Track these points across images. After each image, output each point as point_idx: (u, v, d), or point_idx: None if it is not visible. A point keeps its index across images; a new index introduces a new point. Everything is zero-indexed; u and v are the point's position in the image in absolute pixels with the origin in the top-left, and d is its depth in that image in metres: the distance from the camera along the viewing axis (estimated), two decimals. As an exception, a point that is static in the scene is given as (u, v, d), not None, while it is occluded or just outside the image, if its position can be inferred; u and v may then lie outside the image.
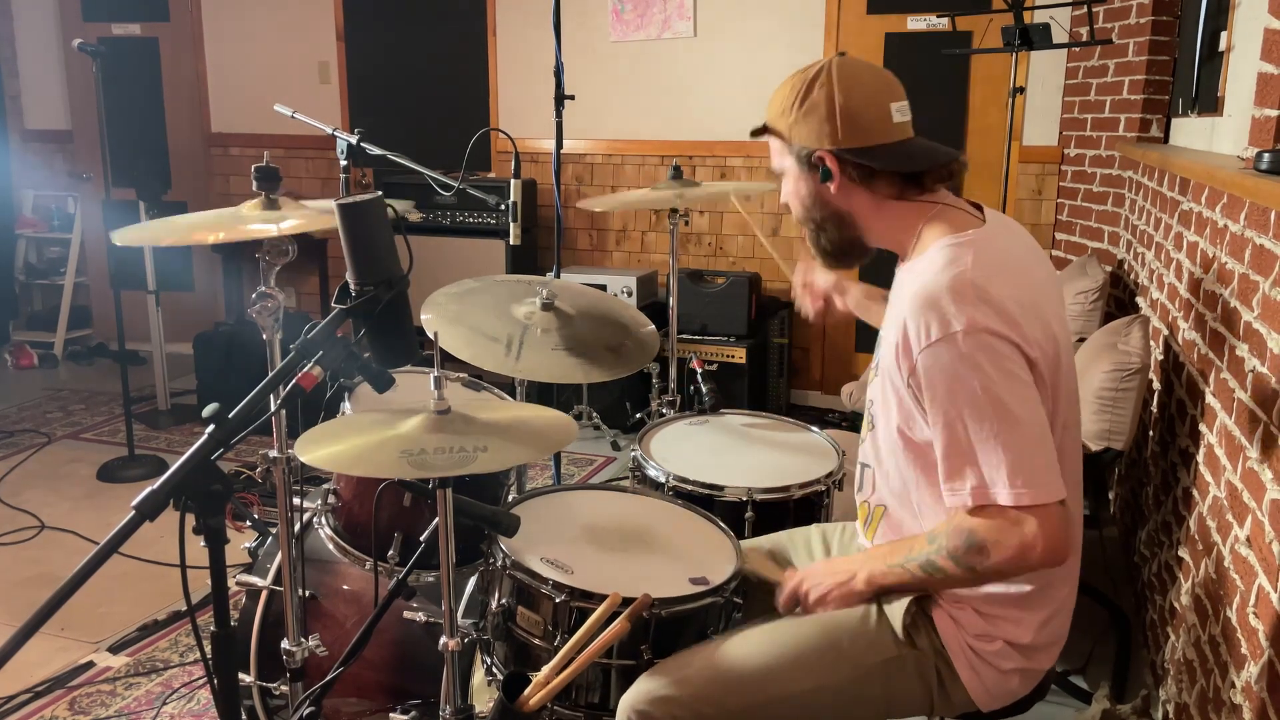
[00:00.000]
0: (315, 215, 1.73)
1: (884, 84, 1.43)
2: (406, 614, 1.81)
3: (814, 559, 1.69)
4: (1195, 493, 2.08)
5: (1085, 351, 2.60)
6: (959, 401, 1.27)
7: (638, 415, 4.02)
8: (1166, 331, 2.62)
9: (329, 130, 2.30)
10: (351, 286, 1.34)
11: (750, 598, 1.62)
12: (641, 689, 1.40)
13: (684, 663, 1.43)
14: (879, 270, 1.69)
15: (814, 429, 2.23)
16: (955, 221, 1.41)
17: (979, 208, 1.45)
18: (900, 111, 1.43)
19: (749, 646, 1.44)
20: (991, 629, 1.40)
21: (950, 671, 1.42)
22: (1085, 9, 3.61)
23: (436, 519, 1.47)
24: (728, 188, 2.84)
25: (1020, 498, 1.25)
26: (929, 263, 1.36)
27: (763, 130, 1.50)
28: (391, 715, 1.78)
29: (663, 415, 2.77)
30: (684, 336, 4.32)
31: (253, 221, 1.70)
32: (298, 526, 1.84)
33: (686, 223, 4.77)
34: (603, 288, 3.74)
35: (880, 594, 1.44)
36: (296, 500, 1.82)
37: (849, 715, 1.45)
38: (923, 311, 1.30)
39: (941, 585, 1.39)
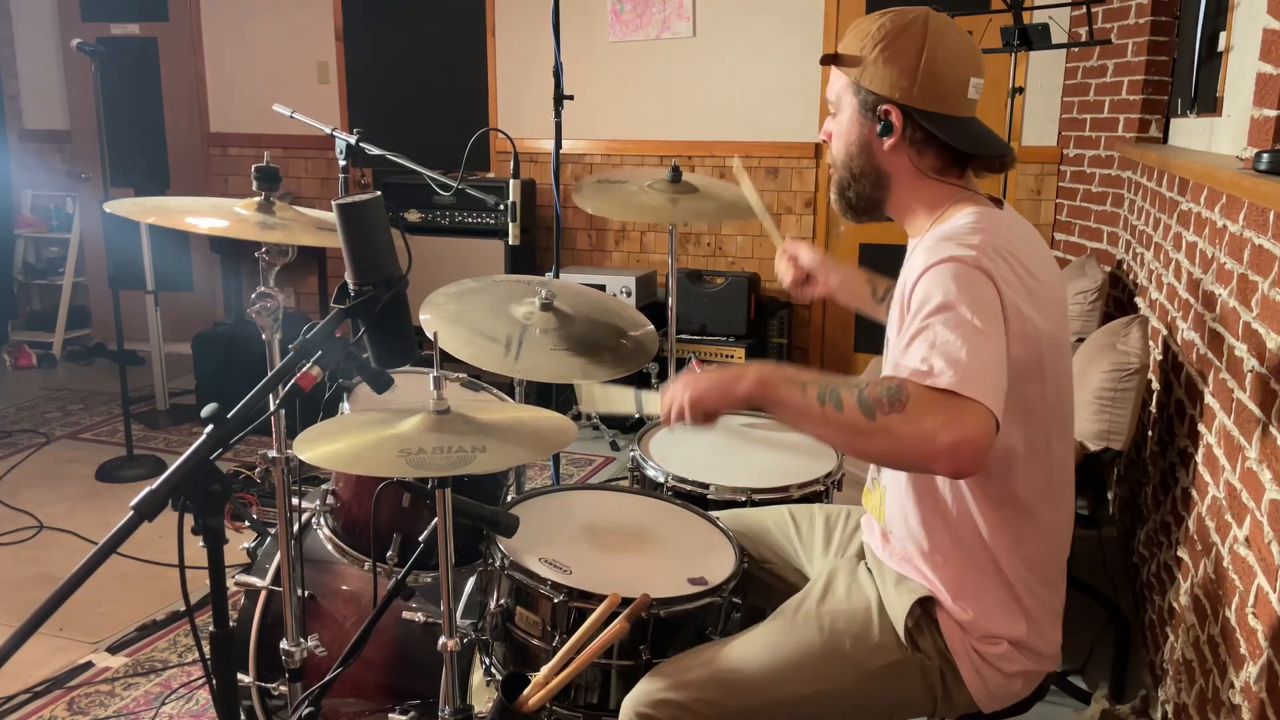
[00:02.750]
0: (308, 227, 1.73)
1: (971, 54, 1.38)
2: (405, 614, 1.81)
3: (816, 547, 1.68)
4: (1194, 493, 2.08)
5: (1084, 351, 2.60)
6: (939, 306, 1.21)
7: (637, 415, 4.02)
8: (1165, 331, 2.62)
9: (328, 130, 2.29)
10: (350, 286, 1.34)
11: (750, 598, 1.62)
12: (643, 691, 1.40)
13: (686, 665, 1.43)
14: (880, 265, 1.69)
15: (813, 429, 2.22)
16: (980, 205, 1.40)
17: (998, 203, 1.44)
18: (975, 88, 1.38)
19: (751, 649, 1.44)
20: (996, 631, 1.40)
21: (954, 674, 1.41)
22: (1084, 9, 3.61)
23: (435, 519, 1.47)
24: (721, 191, 2.84)
25: (967, 389, 1.14)
26: (951, 221, 1.35)
27: (834, 59, 1.41)
28: (390, 715, 1.78)
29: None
30: (683, 337, 4.32)
31: (247, 220, 1.70)
32: (296, 527, 1.84)
33: (686, 223, 4.77)
34: (602, 288, 3.74)
35: (763, 404, 1.29)
36: (295, 500, 1.82)
37: (851, 717, 1.45)
38: (936, 248, 1.27)
39: (826, 426, 1.24)
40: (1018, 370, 1.26)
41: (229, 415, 1.18)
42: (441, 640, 1.51)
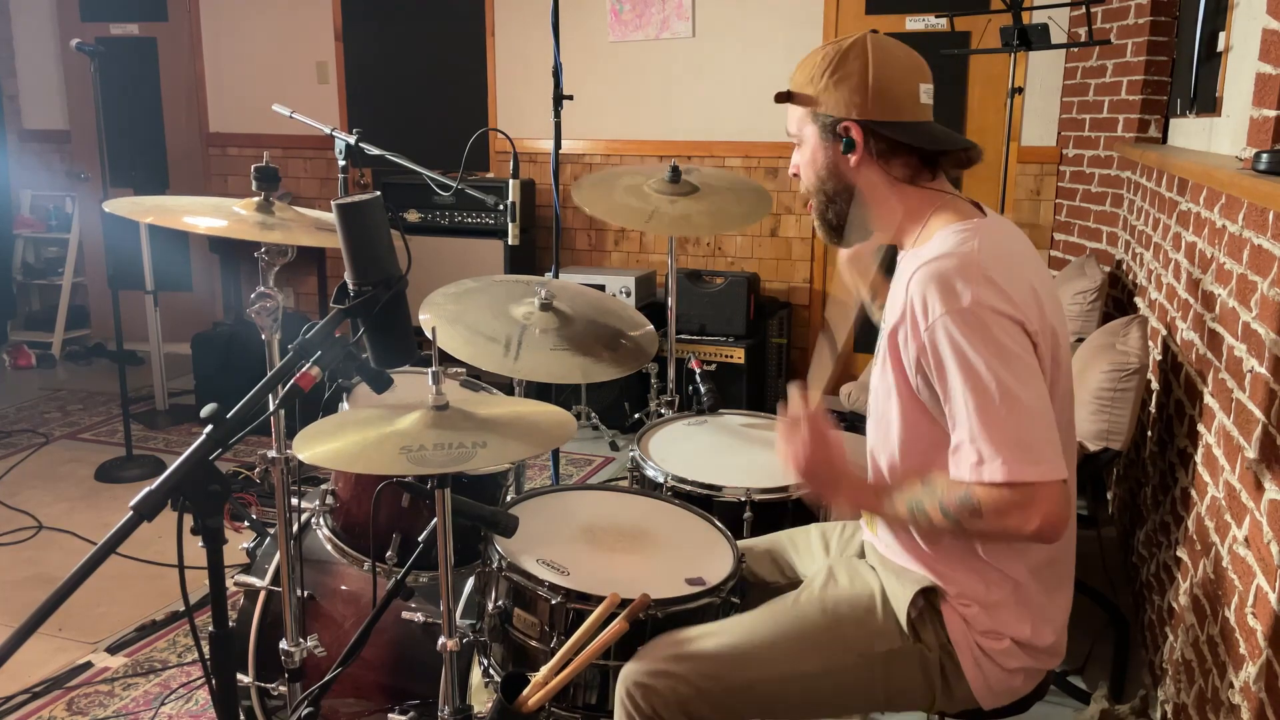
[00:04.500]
0: (308, 227, 1.73)
1: (915, 64, 1.44)
2: (405, 614, 1.81)
3: (814, 559, 1.69)
4: (1193, 493, 2.08)
5: (1084, 352, 2.60)
6: (965, 376, 1.27)
7: (636, 415, 4.02)
8: (1165, 332, 2.62)
9: (327, 130, 2.29)
10: (350, 287, 1.34)
11: (747, 599, 1.62)
12: (641, 663, 1.40)
13: (686, 639, 1.44)
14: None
15: (812, 429, 2.22)
16: (961, 212, 1.42)
17: (979, 207, 1.46)
18: (927, 94, 1.43)
19: (752, 626, 1.45)
20: (1000, 627, 1.40)
21: (955, 668, 1.42)
22: (1084, 9, 3.61)
23: (434, 519, 1.47)
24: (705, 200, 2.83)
25: (1021, 474, 1.24)
26: (936, 243, 1.37)
27: (787, 96, 1.48)
28: (390, 716, 1.78)
29: (661, 415, 2.77)
30: (682, 337, 4.32)
31: (247, 220, 1.70)
32: (296, 527, 1.84)
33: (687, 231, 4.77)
34: (601, 288, 3.74)
35: (858, 511, 1.46)
36: (295, 500, 1.82)
37: (847, 701, 1.45)
38: (929, 286, 1.30)
39: (920, 528, 1.39)
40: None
41: (228, 415, 1.18)
42: (441, 640, 1.51)
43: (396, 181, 4.73)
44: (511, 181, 2.39)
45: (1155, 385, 2.70)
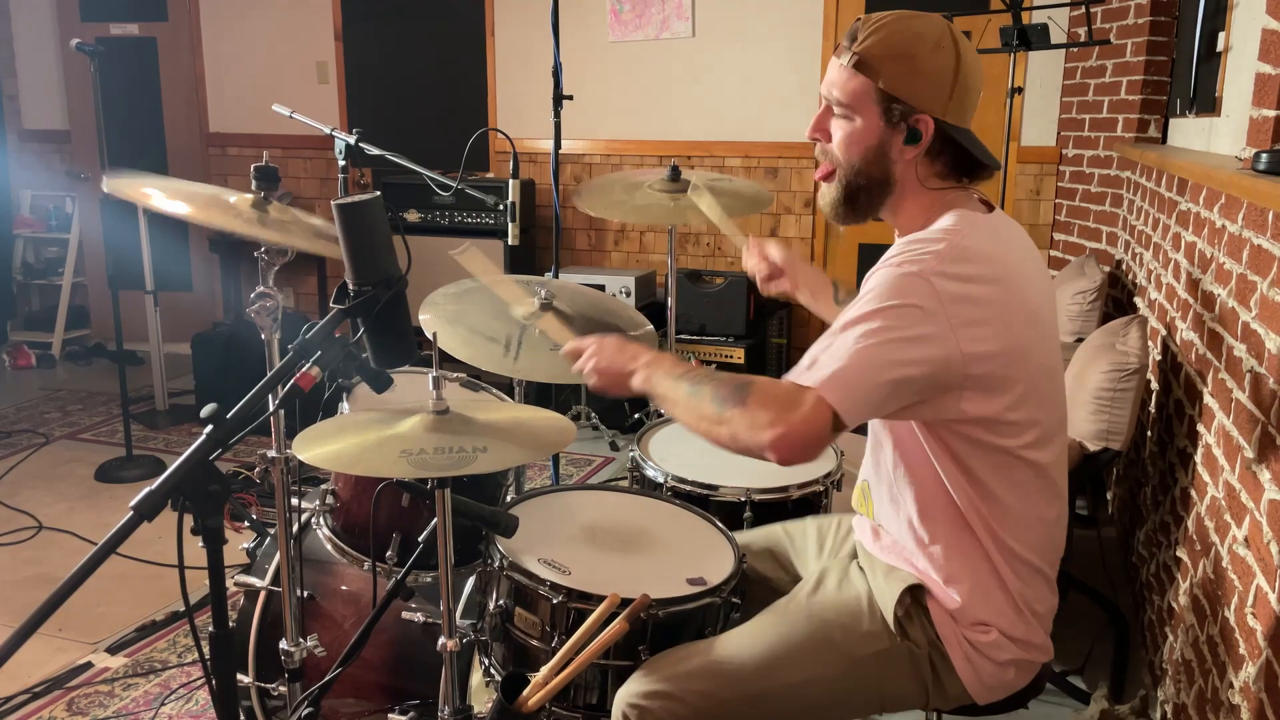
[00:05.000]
0: (304, 232, 1.73)
1: (982, 69, 1.41)
2: (405, 614, 1.81)
3: (809, 554, 1.69)
4: (1193, 493, 2.08)
5: (1083, 352, 2.60)
6: (860, 308, 1.28)
7: (636, 415, 4.02)
8: (1164, 332, 2.62)
9: (327, 130, 2.29)
10: (350, 287, 1.34)
11: (748, 598, 1.62)
12: (636, 684, 1.40)
13: (678, 658, 1.44)
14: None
15: (812, 429, 2.22)
16: (969, 207, 1.41)
17: (989, 205, 1.45)
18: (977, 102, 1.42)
19: (742, 640, 1.45)
20: (987, 618, 1.40)
21: (945, 663, 1.42)
22: (1083, 9, 3.61)
23: (435, 519, 1.47)
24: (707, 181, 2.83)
25: (818, 384, 1.24)
26: (928, 229, 1.38)
27: (861, 66, 1.36)
28: (390, 716, 1.78)
29: (661, 415, 2.77)
30: (683, 337, 4.32)
31: (240, 214, 1.70)
32: (296, 527, 1.84)
33: (686, 224, 4.77)
34: (601, 288, 3.74)
35: (646, 393, 1.42)
36: (295, 501, 1.82)
37: (843, 707, 1.45)
38: (896, 252, 1.33)
39: (687, 415, 1.34)
40: (987, 380, 1.30)
41: (228, 415, 1.18)
42: (441, 640, 1.51)
43: (396, 181, 4.73)
44: (511, 181, 2.39)
45: (1155, 385, 2.70)
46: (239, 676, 1.91)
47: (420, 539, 1.64)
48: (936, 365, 1.26)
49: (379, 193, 1.35)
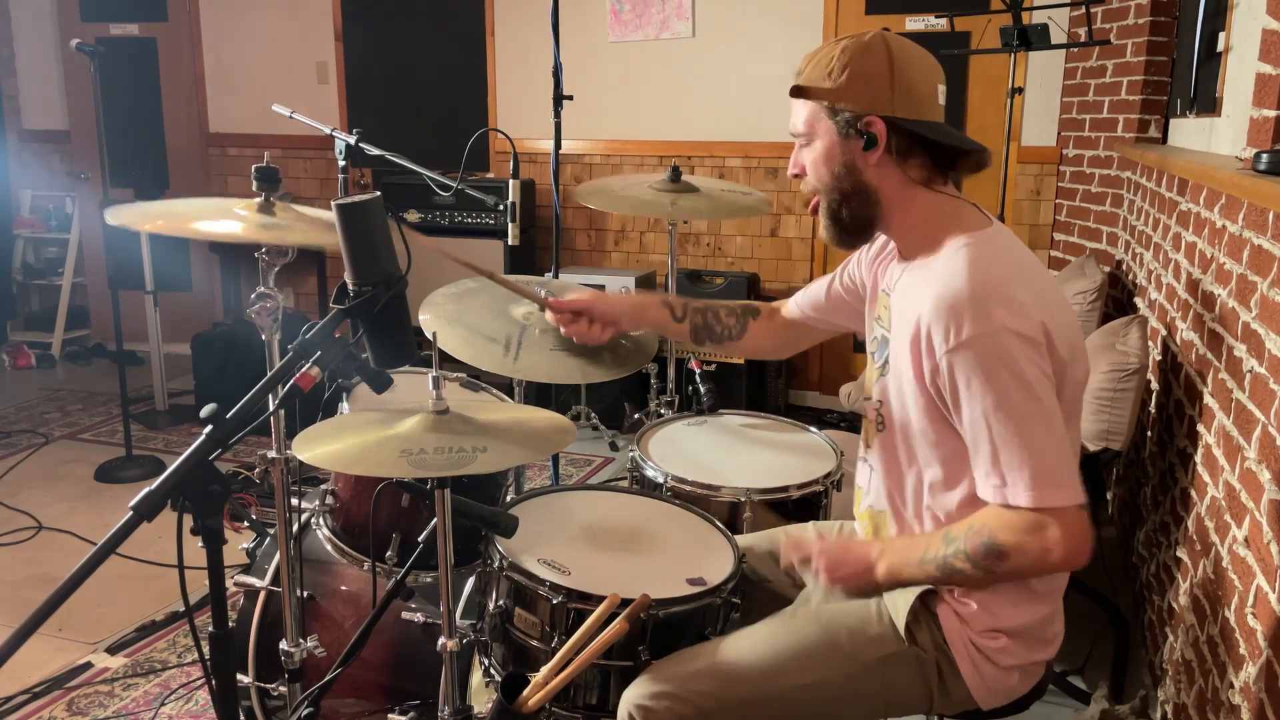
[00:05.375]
0: (314, 226, 1.73)
1: (932, 63, 1.43)
2: (405, 615, 1.80)
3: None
4: (1193, 493, 2.08)
5: (1083, 352, 2.60)
6: (985, 401, 1.28)
7: (636, 416, 4.02)
8: (1165, 332, 2.62)
9: (327, 130, 2.29)
10: (350, 287, 1.34)
11: (749, 598, 1.62)
12: (642, 685, 1.40)
13: (685, 659, 1.44)
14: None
15: (812, 429, 2.22)
16: (969, 219, 1.41)
17: (985, 215, 1.45)
18: (942, 94, 1.42)
19: (749, 642, 1.45)
20: (996, 625, 1.40)
21: (951, 668, 1.42)
22: (1083, 10, 3.61)
23: (435, 520, 1.47)
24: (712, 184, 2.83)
25: (1042, 499, 1.25)
26: (947, 263, 1.36)
27: (801, 91, 1.43)
28: (390, 716, 1.78)
29: (661, 416, 2.77)
30: (682, 337, 4.31)
31: (252, 222, 1.70)
32: (296, 527, 1.84)
33: (686, 222, 4.77)
34: (601, 288, 3.74)
35: (894, 587, 1.43)
36: (294, 501, 1.82)
37: (848, 711, 1.45)
38: (948, 313, 1.30)
39: (958, 584, 1.39)
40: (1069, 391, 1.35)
41: (228, 415, 1.18)
42: (441, 641, 1.51)
43: (396, 181, 4.73)
44: (511, 182, 2.39)
45: (1155, 385, 2.70)
46: (239, 676, 1.91)
47: (420, 539, 1.63)
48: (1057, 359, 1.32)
49: (379, 193, 1.35)
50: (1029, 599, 1.41)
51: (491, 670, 1.61)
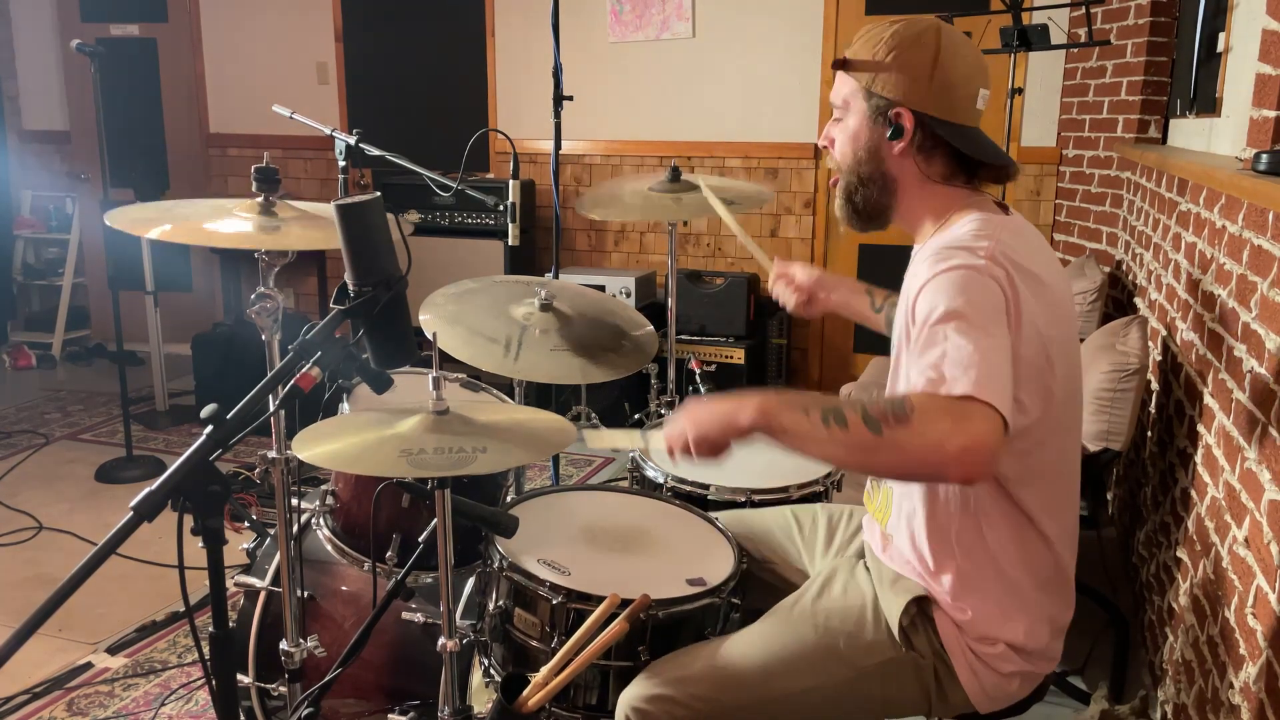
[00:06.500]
0: (313, 229, 1.73)
1: (981, 65, 1.41)
2: (405, 615, 1.81)
3: (818, 546, 1.68)
4: (1193, 493, 2.08)
5: (1083, 352, 2.59)
6: (941, 310, 1.21)
7: (636, 416, 4.02)
8: (1165, 332, 2.62)
9: (327, 131, 2.30)
10: (350, 287, 1.34)
11: (750, 582, 1.62)
12: (640, 687, 1.40)
13: (682, 662, 1.44)
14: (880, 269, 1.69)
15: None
16: (986, 210, 1.40)
17: (1004, 208, 1.44)
18: (983, 100, 1.41)
19: (746, 645, 1.44)
20: (994, 632, 1.40)
21: (949, 673, 1.41)
22: (1083, 10, 3.61)
23: (435, 520, 1.47)
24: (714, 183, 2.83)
25: (980, 392, 1.14)
26: (955, 228, 1.36)
27: (843, 64, 1.42)
28: (390, 716, 1.78)
29: (661, 416, 2.77)
30: (682, 337, 4.32)
31: (249, 225, 1.70)
32: (296, 527, 1.84)
33: (685, 223, 4.77)
34: (601, 288, 3.74)
35: (767, 431, 1.24)
36: (295, 501, 1.82)
37: (845, 716, 1.45)
38: (942, 256, 1.27)
39: (833, 447, 1.20)
40: (1027, 371, 1.27)
41: (228, 416, 1.18)
42: (441, 641, 1.51)
43: (396, 182, 4.73)
44: (511, 182, 2.39)
45: (1155, 386, 2.70)
46: (239, 677, 1.91)
47: (420, 539, 1.63)
48: (1033, 347, 1.26)
49: (379, 193, 1.35)
50: (1022, 616, 1.40)
51: (491, 670, 1.61)
